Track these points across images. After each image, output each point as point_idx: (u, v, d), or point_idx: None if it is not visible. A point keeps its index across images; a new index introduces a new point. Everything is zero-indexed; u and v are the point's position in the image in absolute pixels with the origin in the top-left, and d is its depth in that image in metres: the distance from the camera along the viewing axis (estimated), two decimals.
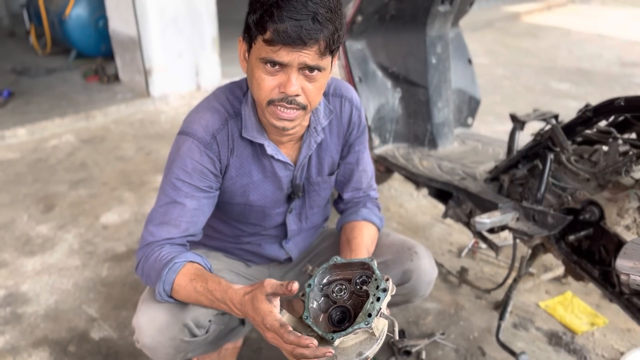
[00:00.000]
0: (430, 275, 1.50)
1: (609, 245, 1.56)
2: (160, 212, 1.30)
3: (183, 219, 1.29)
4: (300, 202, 1.52)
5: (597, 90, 4.96)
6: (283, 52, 1.10)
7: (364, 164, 1.55)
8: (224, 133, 1.31)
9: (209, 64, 4.76)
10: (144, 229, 1.32)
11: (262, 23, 1.09)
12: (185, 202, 1.29)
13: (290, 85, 1.14)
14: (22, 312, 2.07)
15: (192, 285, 1.20)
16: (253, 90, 1.20)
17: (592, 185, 1.65)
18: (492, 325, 1.99)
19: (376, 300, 1.06)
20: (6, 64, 5.36)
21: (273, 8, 1.08)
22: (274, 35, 1.08)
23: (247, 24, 1.15)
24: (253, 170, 1.38)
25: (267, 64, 1.14)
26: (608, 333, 1.96)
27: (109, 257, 2.42)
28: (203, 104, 1.35)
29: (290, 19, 1.07)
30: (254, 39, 1.14)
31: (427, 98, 2.35)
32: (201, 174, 1.30)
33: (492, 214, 1.71)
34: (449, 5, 2.26)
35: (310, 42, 1.09)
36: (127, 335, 1.94)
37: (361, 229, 1.49)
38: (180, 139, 1.31)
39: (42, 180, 3.17)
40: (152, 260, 1.26)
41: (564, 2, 10.56)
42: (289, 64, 1.12)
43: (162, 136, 3.88)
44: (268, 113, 1.21)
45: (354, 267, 1.18)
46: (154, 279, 1.25)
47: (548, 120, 1.89)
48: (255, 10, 1.12)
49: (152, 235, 1.29)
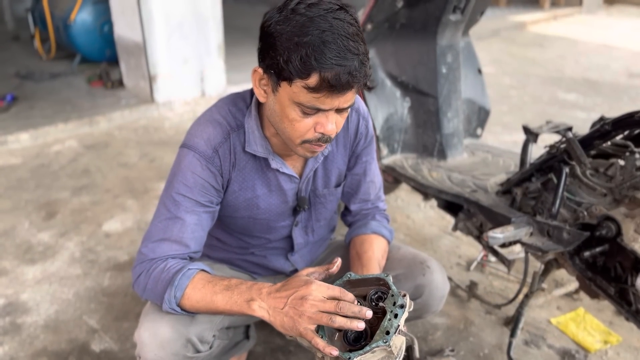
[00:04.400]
0: (443, 291, 1.45)
1: (625, 262, 1.51)
2: (160, 227, 1.25)
3: (184, 235, 1.25)
4: (306, 215, 1.49)
5: (604, 101, 4.92)
6: (326, 99, 1.06)
7: (371, 175, 1.51)
8: (226, 147, 1.27)
9: (214, 70, 4.73)
10: (143, 245, 1.27)
11: (305, 68, 1.02)
12: (186, 217, 1.25)
13: (328, 127, 1.12)
14: (21, 322, 2.03)
15: (209, 287, 1.16)
16: (284, 128, 1.16)
17: (608, 200, 1.61)
18: (503, 342, 1.93)
19: (394, 317, 1.03)
20: (10, 68, 5.35)
21: (317, 52, 1.01)
22: (320, 83, 1.02)
23: (278, 63, 1.05)
24: (257, 184, 1.34)
25: (303, 107, 1.09)
26: (622, 352, 1.91)
27: (110, 266, 2.38)
28: (205, 116, 1.30)
29: (338, 66, 1.01)
30: (290, 81, 1.05)
31: (436, 108, 2.31)
32: (202, 188, 1.26)
33: (505, 229, 1.66)
34: (460, 15, 2.23)
35: (355, 85, 1.06)
36: (129, 348, 1.90)
37: (371, 243, 1.44)
38: (182, 153, 1.27)
39: (44, 187, 3.14)
40: (157, 272, 1.21)
41: (571, 12, 10.55)
42: (330, 109, 1.09)
43: (166, 143, 3.84)
44: (300, 148, 1.18)
45: (369, 283, 1.14)
46: (161, 289, 1.19)
47: (562, 133, 1.84)
48: (290, 50, 1.02)
49: (153, 252, 1.24)
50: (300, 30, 1.02)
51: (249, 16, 8.74)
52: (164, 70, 4.41)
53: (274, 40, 1.05)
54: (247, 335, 1.71)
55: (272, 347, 1.90)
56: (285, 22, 1.04)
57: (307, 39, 1.01)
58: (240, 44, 6.48)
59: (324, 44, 1.00)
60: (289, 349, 1.90)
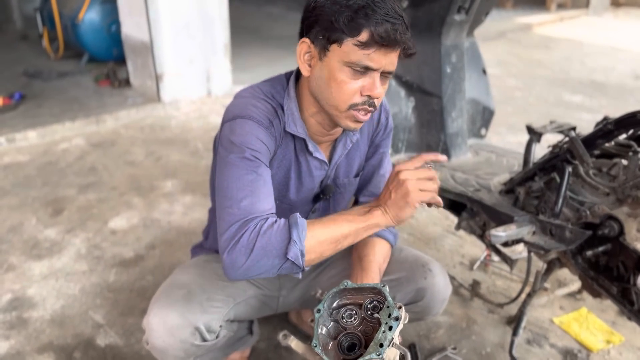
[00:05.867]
0: (444, 294, 1.46)
1: (628, 262, 1.51)
2: (242, 186, 1.15)
3: (268, 191, 1.19)
4: (324, 205, 1.50)
5: (610, 103, 4.91)
6: (376, 56, 1.11)
7: (384, 169, 1.52)
8: (277, 121, 1.28)
9: (220, 70, 4.76)
10: (229, 207, 1.13)
11: (356, 24, 1.08)
12: (262, 173, 1.19)
13: (375, 89, 1.15)
14: (27, 316, 2.05)
15: (323, 222, 1.18)
16: (330, 94, 1.17)
17: (611, 199, 1.61)
18: (505, 341, 1.94)
19: (388, 329, 1.03)
20: (18, 66, 5.39)
21: (367, 9, 1.08)
22: (372, 37, 1.08)
23: (328, 27, 1.11)
24: (292, 165, 1.35)
25: (354, 68, 1.13)
26: (624, 351, 1.91)
27: (116, 262, 2.40)
28: (247, 95, 1.28)
29: (386, 21, 1.08)
30: (340, 41, 1.11)
31: (440, 108, 2.32)
32: (265, 153, 1.23)
33: (508, 227, 1.67)
34: (465, 15, 2.24)
35: (401, 44, 1.11)
36: (134, 343, 1.92)
37: (373, 246, 1.45)
38: (240, 122, 1.21)
39: (51, 184, 3.16)
40: (266, 227, 1.10)
41: (577, 14, 10.52)
42: (378, 68, 1.13)
43: (172, 141, 3.87)
44: (345, 117, 1.20)
45: (365, 292, 1.14)
46: (281, 237, 1.10)
47: (565, 133, 1.85)
48: (341, 11, 1.09)
49: (249, 212, 1.12)
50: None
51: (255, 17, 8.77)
52: (170, 69, 4.43)
53: (323, 8, 1.12)
54: (251, 330, 1.72)
55: (275, 343, 1.91)
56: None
57: (357, 0, 1.09)
58: (246, 44, 6.52)
59: (374, 3, 1.08)
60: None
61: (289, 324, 2.00)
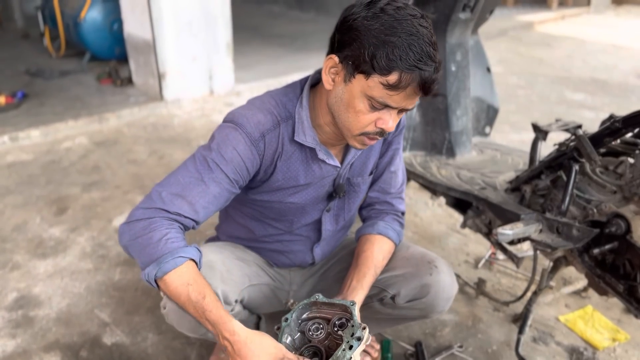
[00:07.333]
0: (450, 292, 1.46)
1: (634, 260, 1.51)
2: (182, 183, 1.23)
3: (201, 200, 1.23)
4: (339, 203, 1.51)
5: (613, 101, 4.91)
6: (399, 98, 1.10)
7: (395, 166, 1.52)
8: (274, 135, 1.29)
9: (222, 68, 4.75)
10: (155, 190, 1.23)
11: (388, 65, 1.06)
12: (210, 185, 1.24)
13: (389, 124, 1.17)
14: (33, 315, 2.05)
15: (186, 290, 1.15)
16: (346, 118, 1.20)
17: (617, 197, 1.61)
18: (511, 339, 1.94)
19: (349, 347, 1.04)
20: (20, 65, 5.39)
21: (401, 51, 1.05)
22: (399, 81, 1.07)
23: (361, 56, 1.09)
24: (300, 175, 1.36)
25: (374, 102, 1.13)
26: (630, 349, 1.91)
27: (121, 261, 2.40)
28: (255, 103, 1.31)
29: (419, 69, 1.06)
30: (367, 74, 1.10)
31: (445, 106, 2.32)
32: (237, 166, 1.25)
33: (514, 225, 1.67)
34: (470, 13, 2.23)
35: (429, 91, 1.10)
36: (140, 341, 1.92)
37: (373, 243, 1.47)
38: (229, 127, 1.26)
39: (55, 182, 3.17)
40: (156, 236, 1.17)
41: (578, 12, 10.51)
42: (397, 107, 1.14)
43: (175, 140, 3.87)
44: (354, 139, 1.23)
45: (336, 307, 1.16)
46: (148, 256, 1.16)
47: (571, 131, 1.85)
48: (377, 46, 1.07)
49: (164, 203, 1.21)
50: (389, 30, 1.06)
51: (257, 16, 8.77)
52: (172, 68, 4.43)
53: (359, 34, 1.09)
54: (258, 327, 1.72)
55: None
56: (374, 19, 1.08)
57: (395, 39, 1.05)
58: (248, 43, 6.51)
59: (410, 46, 1.05)
60: None
61: None
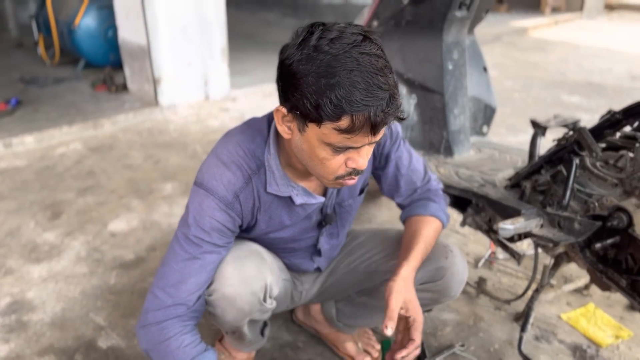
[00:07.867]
0: (463, 275, 1.47)
1: (637, 254, 1.49)
2: (177, 269, 1.22)
3: (204, 271, 1.24)
4: (331, 227, 1.50)
5: (608, 103, 4.91)
6: (359, 138, 1.01)
7: (406, 167, 1.48)
8: (248, 191, 1.24)
9: (218, 74, 4.74)
10: (157, 288, 1.23)
11: (337, 112, 0.96)
12: (205, 257, 1.23)
13: (360, 162, 1.08)
14: (27, 319, 2.02)
15: None
16: (313, 167, 1.13)
17: (618, 191, 1.60)
18: (513, 337, 1.92)
19: None
20: (14, 73, 5.36)
21: (346, 91, 0.94)
22: (352, 125, 0.97)
23: (305, 106, 0.99)
24: (284, 218, 1.35)
25: (333, 147, 1.04)
26: (634, 346, 1.89)
27: (116, 264, 2.37)
28: (221, 155, 1.23)
29: (370, 106, 0.95)
30: (319, 123, 1.00)
31: (443, 105, 2.31)
32: (220, 232, 1.23)
33: (515, 220, 1.65)
34: (466, 11, 2.23)
35: (387, 124, 1.01)
36: (136, 345, 1.88)
37: (425, 223, 1.44)
38: (200, 194, 1.22)
39: (49, 188, 3.13)
40: (173, 344, 1.19)
41: (571, 17, 10.59)
42: (362, 145, 1.05)
43: (170, 145, 3.84)
44: (332, 183, 1.16)
45: None
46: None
47: (570, 126, 1.84)
48: (318, 94, 0.96)
49: (170, 297, 1.21)
50: (327, 71, 0.95)
51: (252, 24, 8.78)
52: (168, 73, 4.41)
53: (298, 81, 0.99)
54: (263, 333, 1.70)
55: (280, 343, 1.89)
56: (309, 61, 0.97)
57: (334, 81, 0.95)
58: (242, 49, 6.51)
59: (353, 85, 0.94)
60: (297, 345, 1.89)
61: (294, 323, 1.98)
